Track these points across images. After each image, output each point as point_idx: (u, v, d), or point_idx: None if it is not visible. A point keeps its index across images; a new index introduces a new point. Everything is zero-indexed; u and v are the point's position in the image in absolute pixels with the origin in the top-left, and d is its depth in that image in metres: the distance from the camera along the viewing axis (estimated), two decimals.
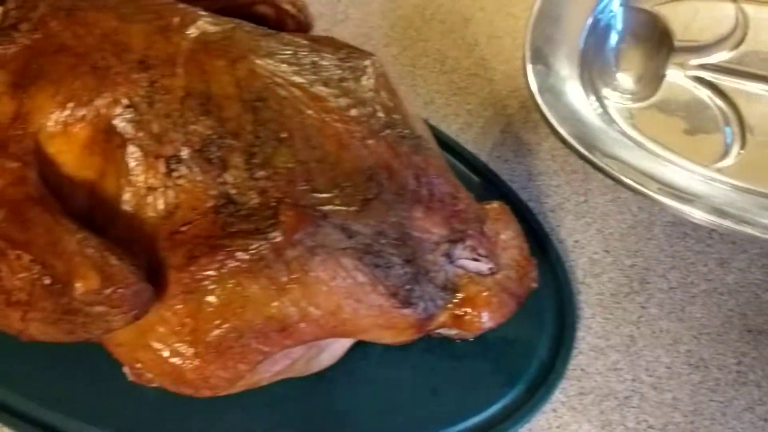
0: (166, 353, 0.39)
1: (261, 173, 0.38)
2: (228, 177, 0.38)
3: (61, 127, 0.39)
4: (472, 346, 0.48)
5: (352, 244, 0.39)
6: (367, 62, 0.44)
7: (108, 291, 0.35)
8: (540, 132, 0.61)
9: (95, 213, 0.40)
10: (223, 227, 0.38)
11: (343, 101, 0.41)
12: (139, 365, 0.40)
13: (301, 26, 0.50)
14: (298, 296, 0.39)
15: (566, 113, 0.54)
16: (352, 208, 0.40)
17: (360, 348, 0.47)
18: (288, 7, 0.49)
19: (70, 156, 0.39)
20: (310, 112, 0.40)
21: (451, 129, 0.61)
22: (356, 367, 0.47)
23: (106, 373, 0.45)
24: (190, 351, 0.38)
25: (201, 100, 0.39)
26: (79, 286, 0.35)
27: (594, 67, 0.60)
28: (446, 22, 0.69)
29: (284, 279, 0.38)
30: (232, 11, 0.46)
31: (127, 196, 0.39)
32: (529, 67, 0.55)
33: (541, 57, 0.57)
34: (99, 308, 0.36)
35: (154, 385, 0.41)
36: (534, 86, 0.54)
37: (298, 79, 0.41)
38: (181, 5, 0.42)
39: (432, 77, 0.65)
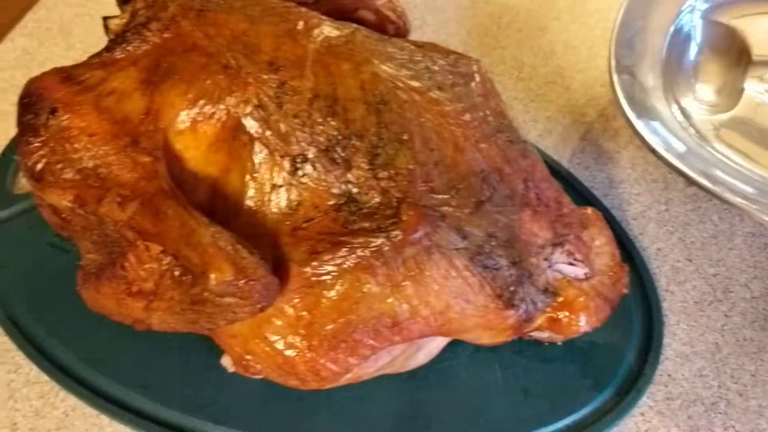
0: (280, 345, 0.40)
1: (383, 173, 0.39)
2: (351, 176, 0.39)
3: (190, 124, 0.40)
4: (562, 350, 0.49)
5: (466, 245, 0.40)
6: (474, 67, 0.45)
7: (241, 282, 0.36)
8: (620, 140, 0.62)
9: (216, 208, 0.41)
10: (344, 225, 0.39)
11: (458, 105, 0.42)
12: (249, 357, 0.41)
13: (400, 32, 0.51)
14: (411, 294, 0.40)
15: (652, 124, 0.55)
16: (466, 210, 0.41)
17: (451, 348, 0.48)
18: (389, 13, 0.50)
19: (197, 152, 0.40)
20: (428, 115, 0.41)
21: (531, 135, 0.62)
22: (447, 366, 0.48)
23: (204, 363, 0.46)
24: (305, 344, 0.39)
25: (328, 102, 0.40)
26: (213, 278, 0.36)
27: (675, 78, 0.60)
28: (522, 31, 0.69)
29: (400, 277, 0.39)
30: (336, 15, 0.47)
31: (250, 192, 0.40)
32: (615, 77, 0.56)
33: (625, 67, 0.58)
34: (229, 299, 0.37)
35: (259, 376, 0.42)
36: (622, 97, 0.55)
37: (416, 83, 0.42)
38: (303, 9, 0.43)
39: (510, 84, 0.65)
